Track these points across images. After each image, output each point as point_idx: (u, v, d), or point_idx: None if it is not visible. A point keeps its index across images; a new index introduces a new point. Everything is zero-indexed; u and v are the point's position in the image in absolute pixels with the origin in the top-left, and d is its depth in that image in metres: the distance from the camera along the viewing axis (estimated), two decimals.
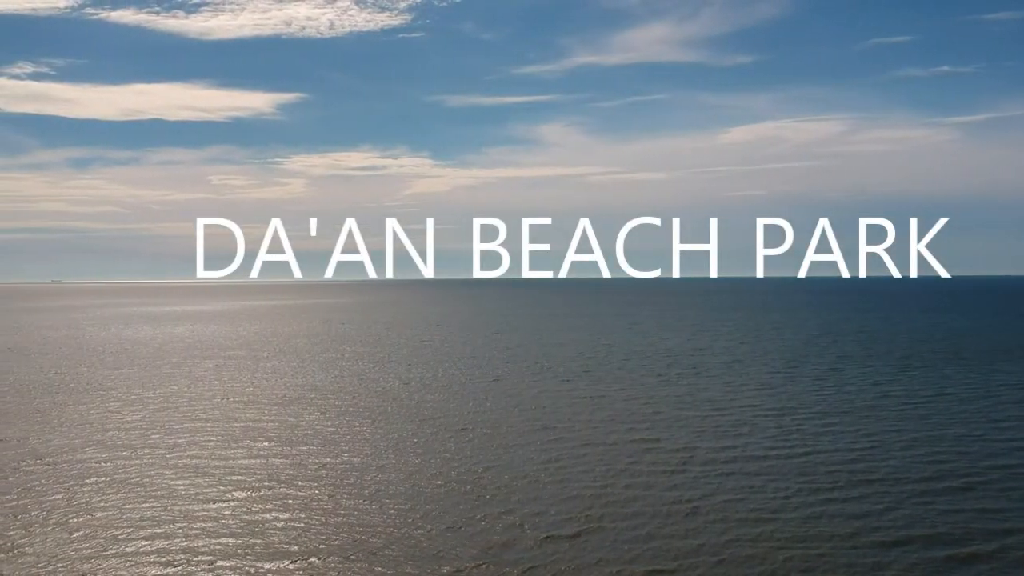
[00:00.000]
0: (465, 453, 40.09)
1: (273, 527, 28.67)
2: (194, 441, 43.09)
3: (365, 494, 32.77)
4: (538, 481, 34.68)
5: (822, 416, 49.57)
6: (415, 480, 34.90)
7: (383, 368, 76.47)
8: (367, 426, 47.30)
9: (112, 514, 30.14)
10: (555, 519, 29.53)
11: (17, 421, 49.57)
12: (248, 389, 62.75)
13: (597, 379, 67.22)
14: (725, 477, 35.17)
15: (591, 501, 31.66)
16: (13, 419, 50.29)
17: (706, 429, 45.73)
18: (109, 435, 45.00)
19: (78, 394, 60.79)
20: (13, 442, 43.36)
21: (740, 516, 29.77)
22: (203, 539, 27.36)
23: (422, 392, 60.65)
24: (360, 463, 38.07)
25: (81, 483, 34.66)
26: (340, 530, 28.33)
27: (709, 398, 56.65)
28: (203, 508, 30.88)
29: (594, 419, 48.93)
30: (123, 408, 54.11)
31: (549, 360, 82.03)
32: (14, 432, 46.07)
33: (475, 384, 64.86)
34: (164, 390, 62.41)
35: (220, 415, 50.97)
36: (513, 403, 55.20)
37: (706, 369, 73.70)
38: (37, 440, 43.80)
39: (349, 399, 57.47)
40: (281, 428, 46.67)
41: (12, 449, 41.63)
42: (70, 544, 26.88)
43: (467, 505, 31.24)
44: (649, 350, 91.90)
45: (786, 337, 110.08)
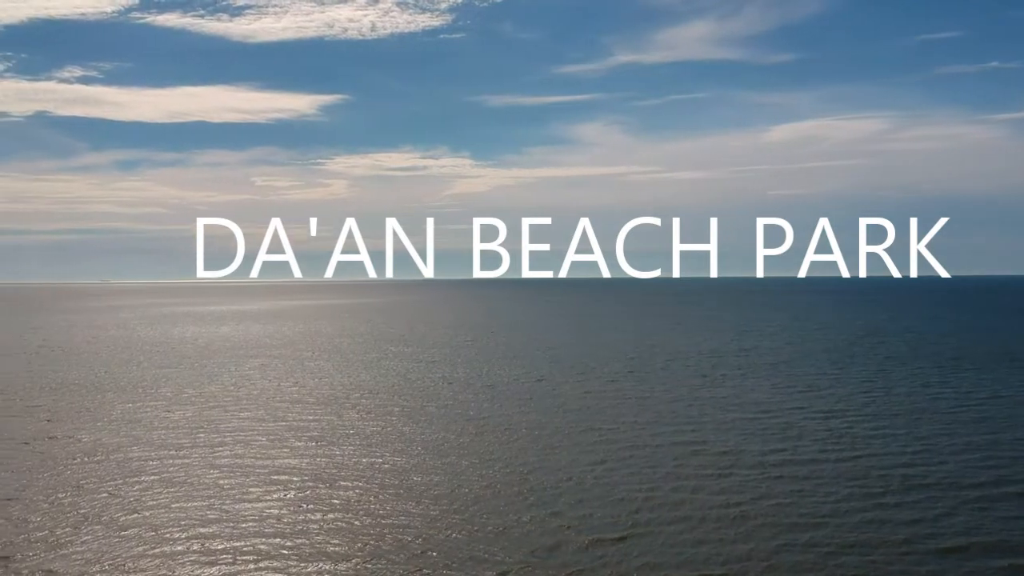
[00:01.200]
0: (510, 454, 39.90)
1: (317, 528, 28.71)
2: (240, 440, 43.40)
3: (409, 495, 32.71)
4: (584, 483, 34.38)
5: (872, 419, 48.65)
6: (459, 481, 34.78)
7: (425, 368, 76.59)
8: (410, 426, 47.32)
9: (160, 513, 30.39)
10: (602, 522, 29.22)
11: (68, 419, 50.33)
12: (292, 388, 63.16)
13: (641, 379, 66.69)
14: (774, 481, 34.59)
15: (638, 504, 31.30)
16: (64, 417, 51.07)
17: (753, 431, 45.10)
18: (157, 433, 45.50)
19: (127, 392, 61.62)
20: (64, 440, 44.00)
21: (790, 521, 29.24)
22: (248, 539, 27.46)
23: (465, 392, 60.59)
24: (403, 464, 38.05)
25: (130, 481, 35.03)
26: (384, 532, 28.28)
27: (755, 400, 55.91)
28: (248, 507, 31.02)
29: (639, 420, 48.49)
30: (171, 407, 54.72)
31: (593, 360, 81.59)
32: (65, 430, 46.77)
33: (519, 384, 64.67)
34: (211, 389, 63.04)
35: (265, 414, 51.32)
36: (557, 404, 54.92)
37: (752, 370, 72.80)
38: (88, 438, 44.41)
39: (392, 399, 57.58)
40: (325, 428, 46.86)
41: (63, 447, 42.23)
42: (119, 542, 27.12)
43: (512, 507, 31.04)
44: (693, 351, 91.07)
45: (831, 337, 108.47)
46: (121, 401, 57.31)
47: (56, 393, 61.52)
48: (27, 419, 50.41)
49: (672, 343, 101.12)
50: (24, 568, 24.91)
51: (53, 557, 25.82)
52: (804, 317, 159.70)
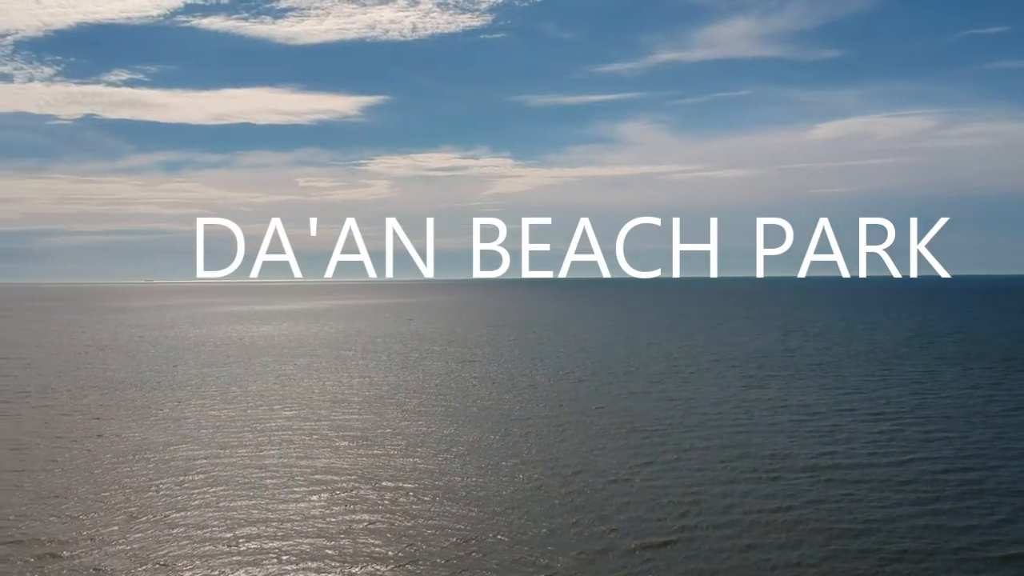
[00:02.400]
0: (553, 455, 39.65)
1: (360, 529, 28.68)
2: (284, 440, 43.62)
3: (452, 497, 32.60)
4: (630, 485, 34.02)
5: (923, 421, 47.67)
6: (503, 483, 34.60)
7: (466, 367, 76.57)
8: (452, 426, 47.25)
9: (206, 511, 30.58)
10: (649, 526, 28.86)
11: (117, 417, 50.98)
12: (335, 388, 63.46)
13: (685, 380, 66.08)
14: (824, 485, 33.96)
15: (685, 507, 30.89)
16: (113, 415, 51.74)
17: (801, 434, 44.39)
18: (204, 432, 45.90)
19: (174, 391, 62.32)
20: (113, 438, 44.55)
21: (841, 527, 28.65)
22: (292, 539, 27.50)
23: (507, 392, 60.43)
24: (445, 465, 37.96)
25: (177, 480, 35.32)
26: (427, 533, 28.18)
27: (802, 401, 55.08)
28: (293, 507, 31.11)
29: (685, 422, 47.98)
30: (217, 405, 55.22)
31: (635, 360, 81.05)
32: (114, 428, 47.36)
33: (561, 384, 64.38)
34: (255, 388, 63.54)
35: (309, 413, 51.58)
36: (601, 404, 54.56)
37: (798, 371, 71.81)
38: (136, 436, 44.91)
39: (434, 399, 57.59)
40: (367, 427, 46.95)
41: (112, 445, 42.74)
42: (166, 540, 27.31)
43: (558, 510, 30.79)
44: (738, 351, 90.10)
45: (879, 338, 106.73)
46: (168, 400, 57.95)
47: (104, 392, 62.38)
48: (76, 417, 51.14)
49: (715, 343, 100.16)
50: (73, 565, 25.17)
51: (101, 554, 26.06)
52: (850, 317, 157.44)
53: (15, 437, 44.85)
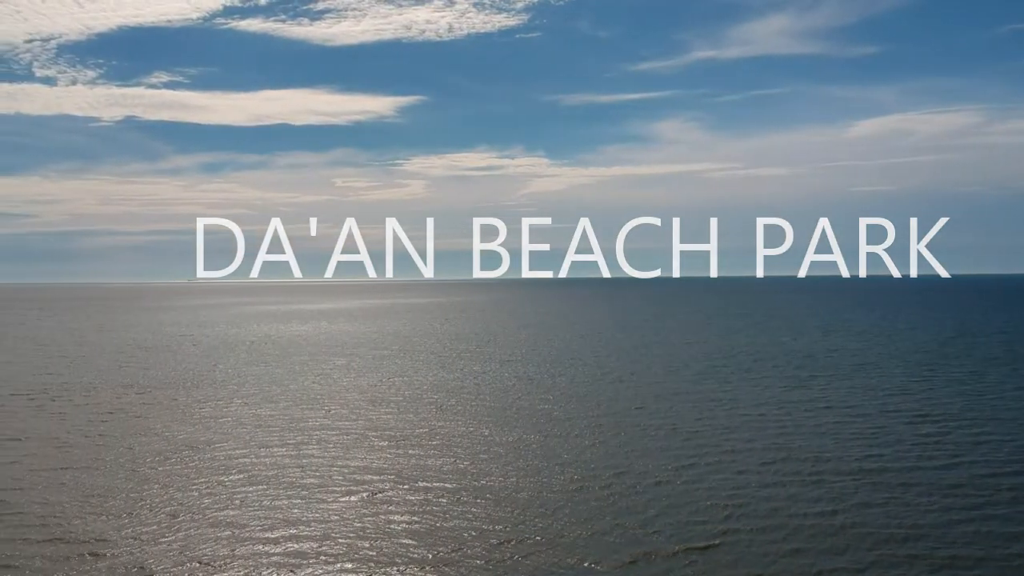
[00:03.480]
0: (594, 457, 39.35)
1: (399, 530, 28.60)
2: (324, 439, 43.75)
3: (491, 498, 32.43)
4: (672, 488, 33.63)
5: (970, 424, 46.69)
6: (543, 484, 34.37)
7: (505, 368, 76.43)
8: (491, 427, 47.10)
9: (247, 510, 30.69)
10: (693, 529, 28.47)
11: (159, 416, 51.48)
12: (372, 387, 63.62)
13: (725, 381, 65.40)
14: (870, 489, 33.32)
15: (729, 511, 30.45)
16: (155, 414, 52.26)
17: (844, 435, 43.67)
18: (244, 431, 46.19)
19: (215, 389, 62.85)
20: (156, 436, 44.96)
21: (889, 532, 28.06)
22: (331, 539, 27.50)
23: (545, 392, 60.18)
24: (484, 465, 37.81)
25: (219, 478, 35.53)
26: (467, 536, 28.03)
27: (845, 402, 54.22)
28: (331, 507, 31.12)
29: (726, 423, 47.43)
30: (257, 404, 55.59)
31: (674, 361, 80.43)
32: (156, 426, 47.82)
33: (600, 384, 64.01)
34: (294, 387, 63.90)
35: (348, 412, 51.72)
36: (641, 405, 54.13)
37: (839, 371, 70.79)
38: (179, 435, 45.30)
39: (472, 399, 57.51)
40: (405, 427, 46.95)
41: (154, 443, 43.13)
42: (207, 538, 27.43)
43: (598, 512, 30.51)
44: (778, 351, 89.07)
45: (921, 338, 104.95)
46: (209, 398, 58.44)
47: (146, 390, 63.06)
48: (119, 416, 51.72)
49: (755, 343, 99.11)
50: (115, 564, 25.35)
51: (143, 553, 26.23)
52: (891, 316, 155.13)
53: (59, 435, 45.44)
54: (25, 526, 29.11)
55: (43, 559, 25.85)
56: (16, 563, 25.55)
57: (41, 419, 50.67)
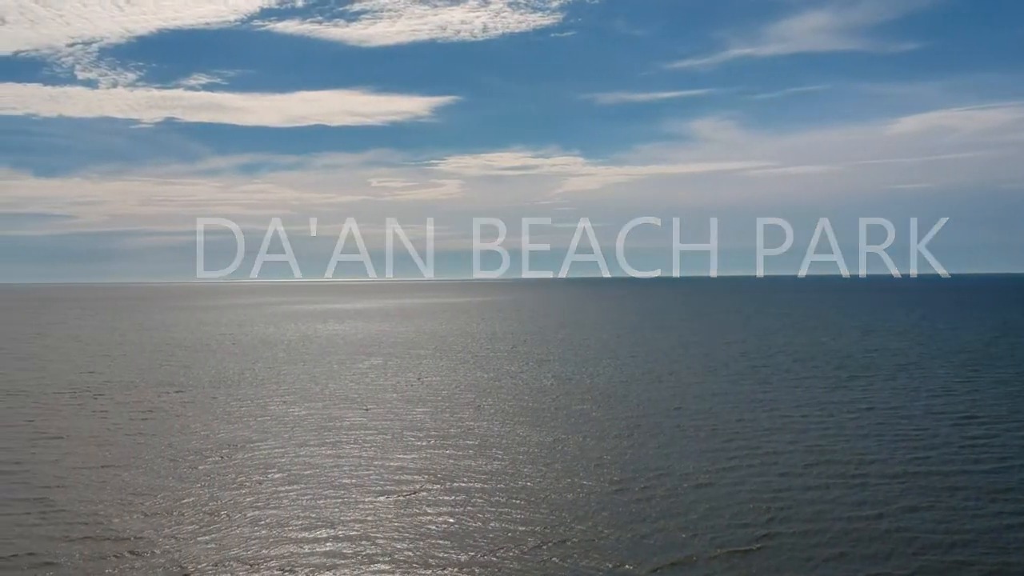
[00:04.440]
0: (632, 458, 38.97)
1: (436, 531, 28.44)
2: (361, 438, 43.80)
3: (528, 500, 32.20)
4: (713, 490, 33.18)
5: (1019, 426, 45.62)
6: (581, 486, 34.07)
7: (542, 368, 76.17)
8: (528, 427, 46.88)
9: (287, 510, 30.73)
10: (734, 532, 28.04)
11: (201, 413, 51.87)
12: (410, 386, 63.66)
13: (764, 380, 64.65)
14: (916, 493, 32.61)
15: (771, 514, 29.95)
16: (198, 411, 52.66)
17: (887, 437, 42.90)
18: (284, 429, 46.38)
19: (255, 387, 63.26)
20: (198, 434, 45.28)
21: (936, 538, 27.43)
22: (368, 540, 27.42)
23: (583, 392, 59.84)
24: (521, 466, 37.58)
25: (259, 477, 35.66)
26: (504, 538, 27.82)
27: (888, 403, 53.31)
28: (369, 507, 31.07)
29: (766, 424, 46.81)
30: (296, 403, 55.84)
31: (712, 360, 79.69)
32: (198, 424, 48.17)
33: (638, 384, 63.54)
34: (333, 386, 64.13)
35: (385, 412, 51.77)
36: (679, 405, 53.62)
37: (880, 371, 69.69)
38: (219, 433, 45.59)
39: (508, 399, 57.31)
40: (443, 427, 46.86)
41: (194, 442, 43.42)
42: (246, 537, 27.48)
43: (636, 514, 30.16)
44: (817, 351, 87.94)
45: (964, 337, 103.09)
46: (250, 397, 58.81)
47: (185, 389, 63.62)
48: (159, 414, 52.18)
49: (794, 343, 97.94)
50: (155, 563, 25.46)
51: (183, 552, 26.33)
52: (933, 316, 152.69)
53: (100, 433, 45.91)
54: (67, 524, 29.38)
55: (84, 557, 26.05)
56: (58, 561, 25.77)
57: (83, 417, 51.26)
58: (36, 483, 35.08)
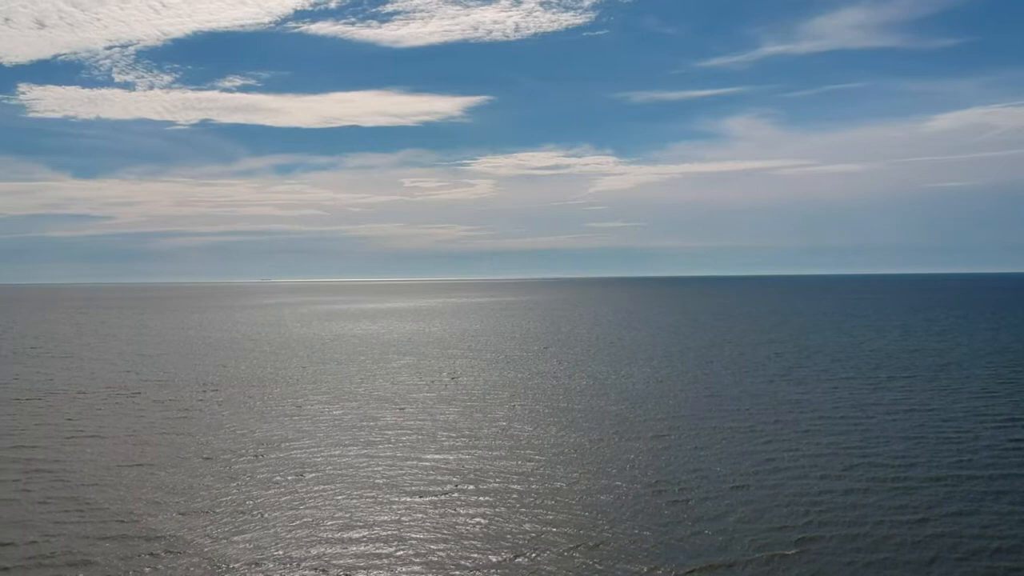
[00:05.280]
0: (668, 459, 38.55)
1: (470, 532, 28.24)
2: (395, 438, 43.74)
3: (563, 501, 31.91)
4: (750, 492, 32.69)
5: None
6: (617, 488, 33.72)
7: (575, 368, 75.81)
8: (562, 428, 46.57)
9: (322, 509, 30.69)
10: (773, 536, 27.55)
11: (237, 412, 52.12)
12: (443, 386, 63.58)
13: (800, 381, 63.82)
14: (960, 497, 31.90)
15: (810, 517, 29.41)
16: (233, 410, 52.92)
17: (929, 439, 42.09)
18: (319, 428, 46.47)
19: (289, 387, 63.52)
20: (234, 433, 45.47)
21: (981, 544, 26.77)
22: (403, 541, 27.30)
23: (618, 393, 59.41)
24: (555, 467, 37.29)
25: (295, 475, 35.70)
26: (539, 540, 27.55)
27: (927, 405, 52.35)
28: (403, 507, 30.97)
29: (805, 425, 46.13)
30: (331, 401, 55.98)
31: (747, 361, 78.87)
32: (233, 423, 48.39)
33: (671, 384, 62.99)
34: (367, 385, 64.22)
35: (418, 411, 51.70)
36: (715, 405, 53.06)
37: (919, 372, 68.56)
38: (256, 432, 45.75)
39: (542, 399, 57.03)
40: (476, 427, 46.68)
41: (232, 440, 43.60)
42: (283, 535, 27.45)
43: (673, 514, 29.77)
44: (855, 351, 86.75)
45: (1004, 338, 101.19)
46: (285, 396, 59.05)
47: (222, 388, 64.01)
48: (195, 413, 52.49)
49: (831, 343, 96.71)
50: (192, 561, 25.49)
51: (220, 550, 26.34)
52: (973, 316, 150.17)
53: (136, 432, 46.25)
54: (103, 523, 29.54)
55: (121, 556, 26.14)
56: (95, 559, 25.89)
57: (120, 416, 51.70)
58: (74, 481, 35.38)
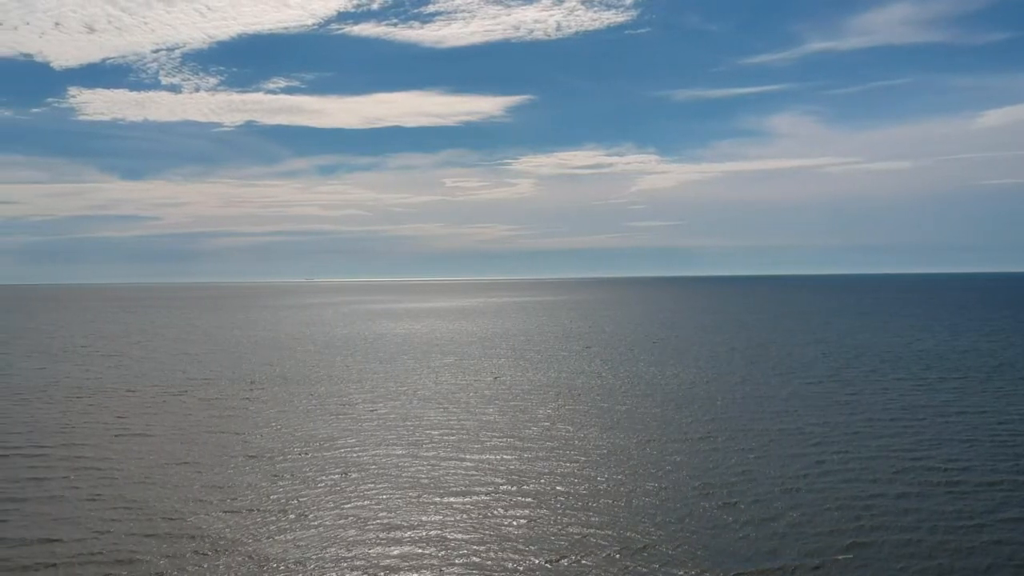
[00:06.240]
0: (715, 462, 37.97)
1: (514, 535, 27.94)
2: (439, 437, 43.64)
3: (607, 504, 31.52)
4: (800, 495, 32.03)
5: None
6: (663, 490, 33.26)
7: (619, 368, 75.27)
8: (605, 429, 46.15)
9: (366, 510, 30.63)
10: (823, 540, 26.90)
11: (282, 411, 52.40)
12: (486, 386, 63.43)
13: (848, 382, 62.71)
14: (1018, 502, 30.97)
15: (862, 522, 28.70)
16: (278, 409, 53.22)
17: (983, 443, 41.03)
18: (364, 426, 46.57)
19: (334, 385, 63.81)
20: (278, 431, 45.68)
21: None
22: (447, 542, 27.12)
23: (662, 393, 58.82)
24: (600, 469, 36.89)
25: (340, 474, 35.73)
26: (584, 543, 27.19)
27: (980, 407, 51.11)
28: (448, 508, 30.80)
29: (854, 428, 45.23)
30: (375, 400, 56.11)
31: (795, 361, 77.74)
32: (279, 422, 48.63)
33: (716, 385, 62.24)
34: (409, 385, 64.29)
35: (461, 411, 51.58)
36: (761, 405, 52.29)
37: (971, 372, 67.05)
38: (300, 431, 45.93)
39: (585, 399, 56.63)
40: (520, 427, 46.41)
41: (277, 438, 43.79)
42: (328, 538, 27.40)
43: (723, 521, 29.24)
44: (904, 351, 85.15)
45: None
46: (328, 395, 59.31)
47: (268, 386, 64.45)
48: (242, 411, 52.87)
49: (879, 344, 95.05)
50: (237, 560, 25.53)
51: (263, 549, 26.35)
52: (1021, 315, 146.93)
53: (183, 430, 46.66)
54: (149, 521, 29.73)
55: (166, 555, 26.26)
56: (141, 557, 26.04)
57: (167, 414, 52.23)
58: (121, 479, 35.72)
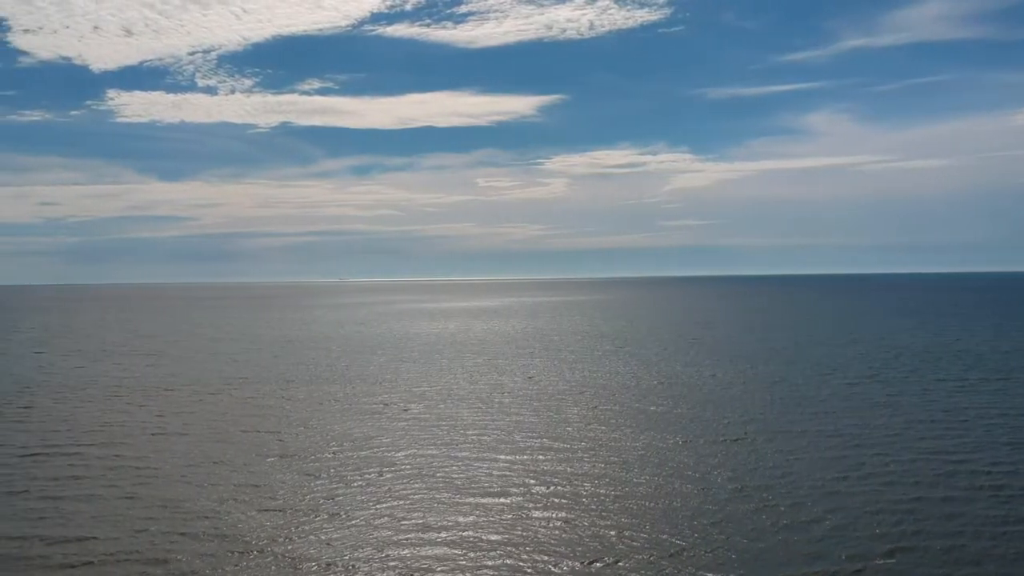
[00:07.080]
0: (750, 463, 37.44)
1: (549, 537, 27.66)
2: (472, 437, 43.49)
3: (643, 507, 31.15)
4: (840, 498, 31.44)
5: None
6: (699, 493, 32.81)
7: (653, 368, 74.71)
8: (638, 429, 45.72)
9: (401, 510, 30.53)
10: (864, 546, 26.34)
11: (317, 411, 52.56)
12: (519, 386, 63.20)
13: (887, 383, 61.72)
14: None
15: (904, 527, 28.08)
16: (313, 408, 53.39)
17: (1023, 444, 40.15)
18: (398, 426, 46.56)
19: (369, 384, 63.95)
20: (314, 431, 45.78)
21: None
22: (482, 543, 26.93)
23: (698, 394, 58.24)
24: (635, 471, 36.50)
25: (375, 473, 35.71)
26: (618, 547, 26.86)
27: (1022, 408, 50.10)
28: (481, 509, 30.61)
29: (892, 428, 44.45)
30: (408, 400, 56.12)
31: (833, 361, 76.71)
32: (314, 421, 48.75)
33: (752, 385, 61.54)
34: (443, 384, 64.25)
35: (495, 411, 51.40)
36: (798, 406, 51.59)
37: (1013, 374, 65.73)
38: (335, 430, 46.01)
39: (618, 400, 56.21)
40: (553, 428, 46.11)
41: (312, 438, 43.88)
42: (362, 538, 27.31)
43: (761, 525, 28.76)
44: (944, 351, 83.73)
45: None
46: (363, 394, 59.42)
47: (303, 385, 64.71)
48: (277, 410, 53.08)
49: (919, 344, 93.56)
50: (268, 560, 25.52)
51: (297, 549, 26.31)
52: None
53: (219, 429, 46.91)
54: (185, 521, 29.82)
55: (201, 554, 26.30)
56: (176, 556, 26.11)
57: (203, 413, 52.56)
58: (158, 478, 35.93)
